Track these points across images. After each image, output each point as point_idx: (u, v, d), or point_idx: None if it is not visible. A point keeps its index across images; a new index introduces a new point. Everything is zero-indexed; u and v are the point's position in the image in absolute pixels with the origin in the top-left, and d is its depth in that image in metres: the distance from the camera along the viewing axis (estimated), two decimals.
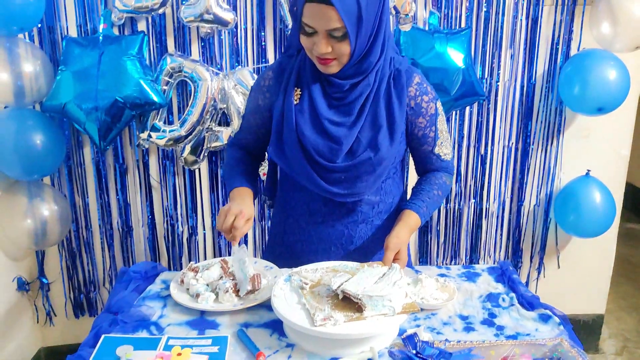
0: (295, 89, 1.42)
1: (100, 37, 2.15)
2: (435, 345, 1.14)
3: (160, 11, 2.16)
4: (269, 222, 2.05)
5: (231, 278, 1.36)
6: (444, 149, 1.52)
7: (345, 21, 1.24)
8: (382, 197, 1.51)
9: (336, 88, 1.39)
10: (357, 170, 1.40)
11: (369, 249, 1.52)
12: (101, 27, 2.18)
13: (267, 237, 1.81)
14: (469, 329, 1.26)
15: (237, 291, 1.33)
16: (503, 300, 1.37)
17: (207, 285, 1.36)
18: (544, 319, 1.29)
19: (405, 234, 1.39)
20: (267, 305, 1.30)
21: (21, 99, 2.10)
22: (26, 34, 2.19)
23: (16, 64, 2.05)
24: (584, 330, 2.76)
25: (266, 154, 1.60)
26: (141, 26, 2.23)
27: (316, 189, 1.42)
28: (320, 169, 1.40)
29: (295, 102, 1.40)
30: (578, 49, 2.39)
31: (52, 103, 2.13)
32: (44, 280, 2.47)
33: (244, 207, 1.36)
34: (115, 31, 2.22)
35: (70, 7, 2.19)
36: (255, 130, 1.54)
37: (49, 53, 2.22)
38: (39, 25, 2.19)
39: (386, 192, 1.52)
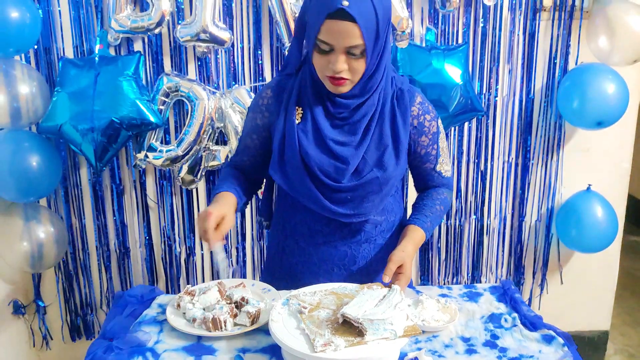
0: (297, 108, 1.40)
1: (97, 58, 2.15)
2: None
3: (157, 31, 2.15)
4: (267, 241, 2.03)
5: (228, 302, 1.34)
6: (445, 166, 1.52)
7: (365, 38, 1.24)
8: (386, 216, 1.50)
9: (341, 108, 1.37)
10: (364, 189, 1.39)
11: (372, 269, 1.50)
12: (97, 47, 2.17)
13: (265, 258, 1.78)
14: (471, 351, 1.23)
15: (234, 315, 1.30)
16: (505, 320, 1.34)
17: (204, 309, 1.33)
18: (548, 339, 1.26)
19: (411, 248, 1.37)
20: (265, 330, 1.27)
21: (17, 121, 2.09)
22: (22, 55, 2.18)
23: (12, 85, 2.05)
24: (589, 346, 2.72)
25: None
26: (137, 46, 2.23)
27: (320, 209, 1.40)
28: (326, 189, 1.37)
29: (297, 122, 1.38)
30: (576, 63, 2.38)
31: (48, 124, 2.11)
32: (40, 303, 2.44)
33: (214, 208, 1.34)
34: (112, 51, 2.21)
35: (66, 28, 2.19)
36: (253, 151, 1.51)
37: (45, 74, 2.22)
38: (35, 47, 2.19)
39: (389, 211, 1.50)
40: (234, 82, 2.28)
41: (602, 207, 2.41)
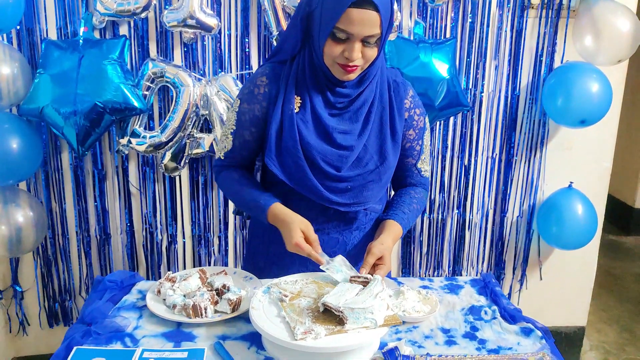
0: (295, 97, 1.38)
1: (81, 41, 2.11)
2: None
3: (143, 15, 2.12)
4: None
5: (209, 289, 1.33)
6: (425, 164, 1.52)
7: (383, 26, 1.25)
8: (381, 205, 1.51)
9: (341, 97, 1.37)
10: (365, 179, 1.39)
11: (360, 255, 1.49)
12: (82, 30, 2.14)
13: (246, 250, 1.75)
14: (450, 342, 1.24)
15: (215, 302, 1.30)
16: (485, 313, 1.35)
17: (185, 296, 1.32)
18: (526, 332, 1.28)
19: (390, 242, 1.37)
20: (245, 317, 1.26)
21: None
22: (4, 35, 2.14)
23: None
24: (566, 342, 2.76)
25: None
26: (123, 30, 2.20)
27: (319, 199, 1.38)
28: (325, 179, 1.37)
29: (295, 111, 1.36)
30: (561, 62, 2.40)
31: (30, 106, 2.08)
32: (17, 288, 2.40)
33: (299, 225, 1.31)
34: (97, 35, 2.18)
35: (50, 9, 2.15)
36: (252, 144, 1.44)
37: (27, 55, 2.18)
38: (18, 27, 2.15)
39: (382, 200, 1.51)
40: (220, 70, 2.26)
41: (582, 205, 2.44)
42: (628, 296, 3.46)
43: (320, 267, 1.29)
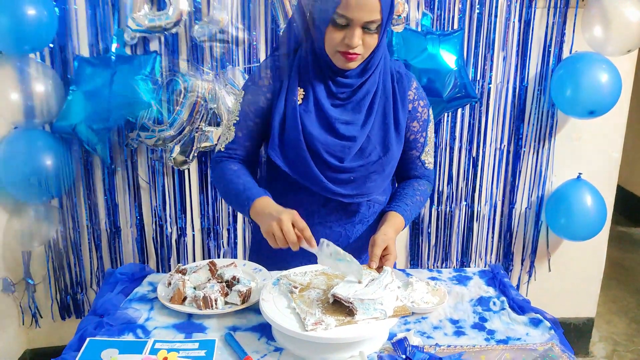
0: (298, 88, 1.38)
1: (113, 57, 2.12)
2: (425, 350, 1.13)
3: (173, 31, 2.13)
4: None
5: (219, 281, 1.34)
6: (429, 157, 1.52)
7: (383, 13, 1.24)
8: (386, 197, 1.50)
9: (344, 87, 1.37)
10: (367, 170, 1.39)
11: (363, 248, 1.50)
12: (114, 46, 2.14)
13: (251, 241, 1.76)
14: (459, 333, 1.25)
15: (225, 294, 1.31)
16: (494, 304, 1.35)
17: (195, 288, 1.33)
18: (535, 323, 1.28)
19: (392, 233, 1.38)
20: (254, 309, 1.27)
21: (31, 120, 2.06)
22: (37, 53, 2.14)
23: (27, 83, 2.01)
24: (575, 333, 2.76)
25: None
26: (154, 45, 2.20)
27: (322, 190, 1.39)
28: (328, 170, 1.37)
29: (298, 103, 1.37)
30: (570, 52, 2.39)
31: (63, 124, 2.09)
32: (30, 281, 2.43)
33: (287, 213, 1.27)
34: (128, 51, 2.18)
35: (82, 26, 2.16)
36: (255, 135, 1.44)
37: (60, 73, 2.19)
38: (51, 45, 2.15)
39: (386, 192, 1.51)
40: (228, 63, 2.26)
41: (591, 196, 2.43)
42: (637, 287, 3.45)
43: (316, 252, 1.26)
